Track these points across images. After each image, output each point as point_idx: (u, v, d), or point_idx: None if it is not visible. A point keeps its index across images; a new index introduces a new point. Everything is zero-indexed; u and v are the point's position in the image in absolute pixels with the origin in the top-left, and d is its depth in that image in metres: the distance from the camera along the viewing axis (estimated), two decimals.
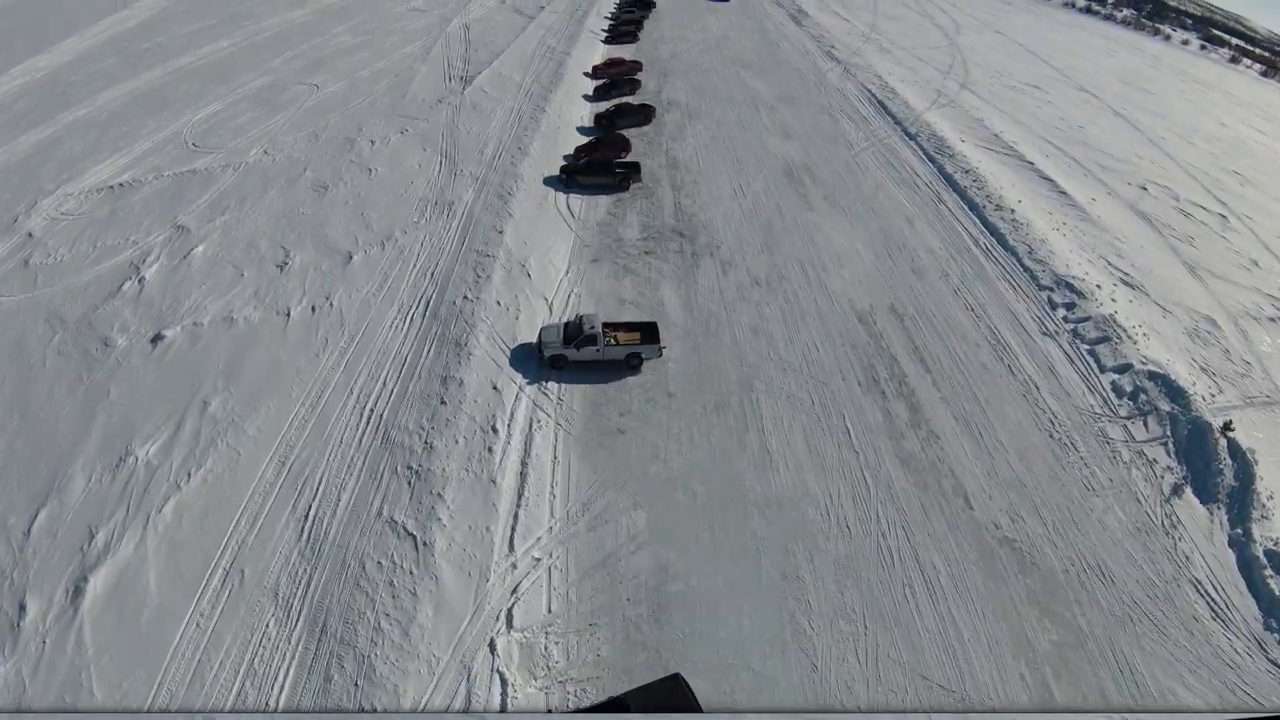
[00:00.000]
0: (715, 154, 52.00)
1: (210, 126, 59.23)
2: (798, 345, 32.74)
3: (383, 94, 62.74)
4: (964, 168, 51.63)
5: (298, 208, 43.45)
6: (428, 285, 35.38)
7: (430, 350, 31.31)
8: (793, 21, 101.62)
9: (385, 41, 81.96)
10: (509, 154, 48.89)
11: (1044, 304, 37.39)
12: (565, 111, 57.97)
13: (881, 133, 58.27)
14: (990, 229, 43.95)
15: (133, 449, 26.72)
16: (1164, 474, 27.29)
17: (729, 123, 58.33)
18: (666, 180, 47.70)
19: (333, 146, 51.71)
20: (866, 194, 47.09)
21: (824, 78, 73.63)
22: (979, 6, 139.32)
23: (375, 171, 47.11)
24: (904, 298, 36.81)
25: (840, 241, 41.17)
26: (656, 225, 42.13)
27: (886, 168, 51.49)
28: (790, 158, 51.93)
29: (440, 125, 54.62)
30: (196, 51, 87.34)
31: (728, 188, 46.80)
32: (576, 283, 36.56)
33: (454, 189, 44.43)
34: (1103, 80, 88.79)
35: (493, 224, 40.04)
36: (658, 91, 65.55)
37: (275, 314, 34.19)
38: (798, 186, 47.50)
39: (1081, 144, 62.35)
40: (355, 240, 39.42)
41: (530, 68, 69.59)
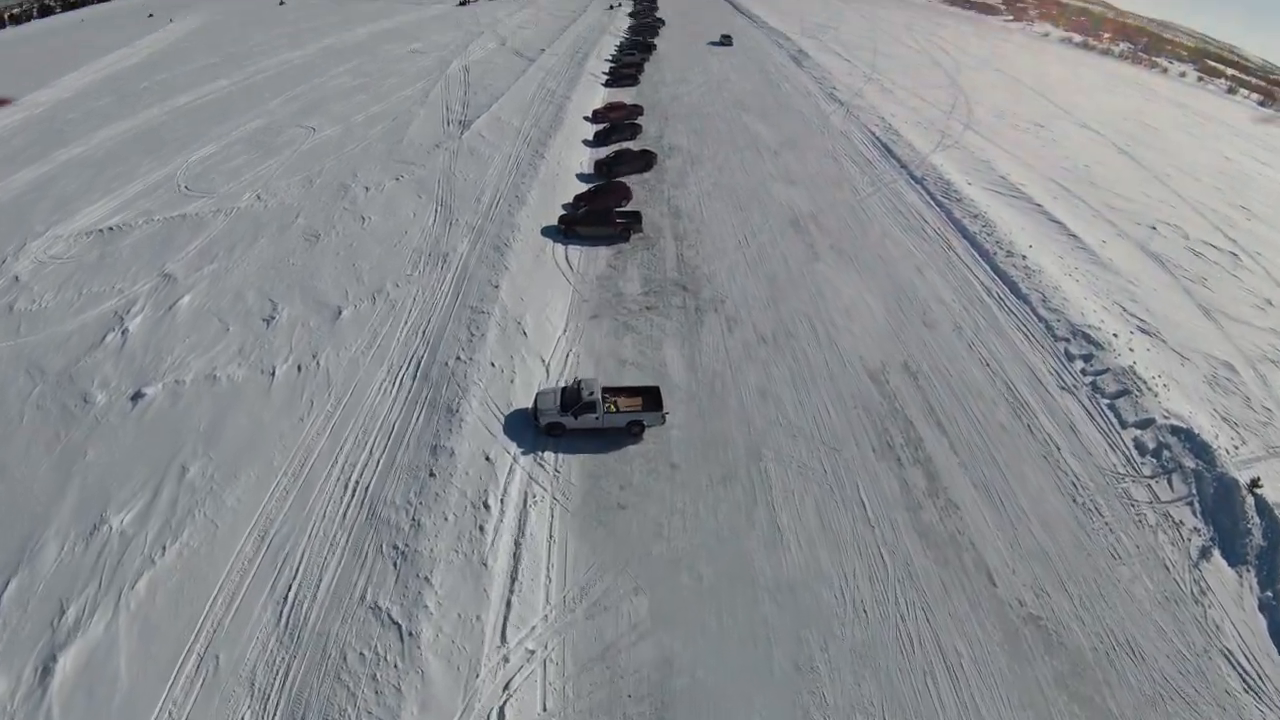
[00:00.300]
0: (718, 201, 50.76)
1: (204, 169, 58.36)
2: (808, 409, 31.10)
3: (379, 138, 61.88)
4: (972, 212, 50.39)
5: (288, 257, 42.15)
6: (419, 344, 33.84)
7: (420, 416, 29.70)
8: (794, 63, 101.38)
9: (384, 84, 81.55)
10: (506, 202, 47.67)
11: (1061, 356, 35.83)
12: (564, 157, 56.91)
13: (887, 177, 57.16)
14: (1002, 277, 42.53)
15: (107, 516, 25.55)
16: (1191, 536, 25.88)
17: (732, 168, 57.24)
18: (669, 230, 46.33)
19: (326, 193, 50.59)
20: (874, 242, 45.76)
21: (827, 120, 72.82)
22: (978, 44, 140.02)
23: (368, 220, 45.88)
24: (917, 354, 35.24)
25: (849, 293, 39.72)
26: (658, 278, 40.63)
27: (893, 214, 50.25)
28: (795, 204, 50.70)
29: (437, 171, 53.55)
30: (195, 91, 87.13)
31: (732, 237, 45.43)
32: (575, 341, 34.95)
33: (449, 239, 43.11)
34: (1105, 117, 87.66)
35: (488, 278, 38.61)
36: (659, 136, 64.64)
37: (259, 373, 32.73)
38: (803, 235, 46.18)
39: (1088, 183, 61.09)
40: (345, 293, 37.99)
41: (529, 112, 68.86)
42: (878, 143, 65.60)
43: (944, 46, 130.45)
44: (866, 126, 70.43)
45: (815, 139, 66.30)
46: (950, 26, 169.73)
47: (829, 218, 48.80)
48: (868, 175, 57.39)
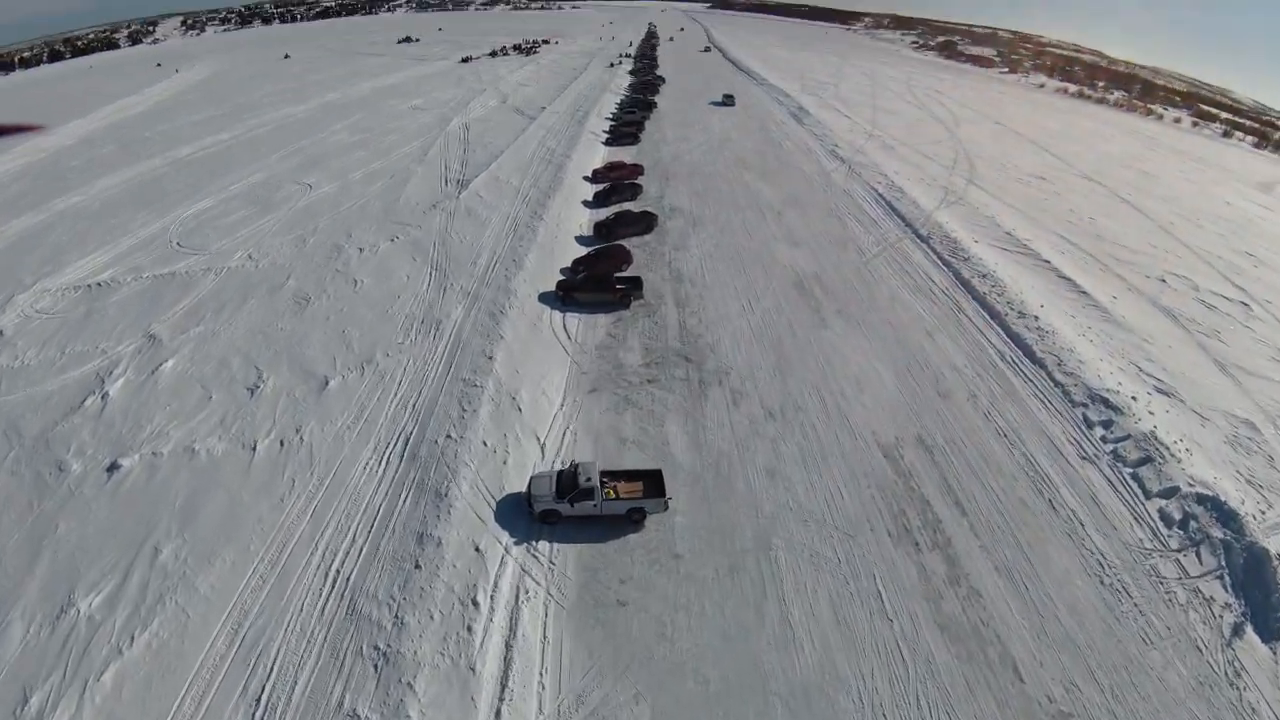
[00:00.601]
0: (721, 264, 49.49)
1: (199, 224, 57.60)
2: (819, 490, 29.33)
3: (376, 197, 61.12)
4: (981, 271, 49.25)
5: (276, 321, 40.81)
6: (408, 420, 32.18)
7: (407, 500, 27.92)
8: (794, 120, 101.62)
9: (383, 140, 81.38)
10: (503, 266, 46.41)
11: (1080, 423, 34.26)
12: (564, 219, 55.93)
13: (892, 236, 56.15)
14: (1015, 340, 41.15)
15: (76, 599, 24.12)
16: (1222, 613, 24.51)
17: (734, 229, 56.18)
18: (670, 295, 44.83)
19: (319, 253, 49.50)
20: (882, 305, 44.42)
21: (829, 178, 72.24)
22: (975, 97, 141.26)
23: (361, 283, 44.62)
24: (931, 426, 33.59)
25: (858, 362, 38.20)
26: (660, 348, 38.96)
27: (901, 275, 49.04)
28: (800, 267, 49.48)
29: (433, 233, 52.51)
30: (197, 142, 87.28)
31: (735, 303, 43.99)
32: (572, 418, 33.15)
33: (443, 305, 41.73)
34: (1105, 166, 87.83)
35: (482, 348, 37.08)
36: (660, 196, 63.79)
37: (240, 447, 31.12)
38: (809, 299, 44.82)
39: (1094, 236, 60.30)
40: (334, 362, 36.50)
41: (529, 171, 68.25)
42: (881, 200, 64.83)
43: (943, 101, 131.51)
44: (869, 184, 69.79)
45: (818, 197, 65.55)
46: (948, 81, 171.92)
47: (835, 280, 47.53)
48: (873, 234, 56.36)
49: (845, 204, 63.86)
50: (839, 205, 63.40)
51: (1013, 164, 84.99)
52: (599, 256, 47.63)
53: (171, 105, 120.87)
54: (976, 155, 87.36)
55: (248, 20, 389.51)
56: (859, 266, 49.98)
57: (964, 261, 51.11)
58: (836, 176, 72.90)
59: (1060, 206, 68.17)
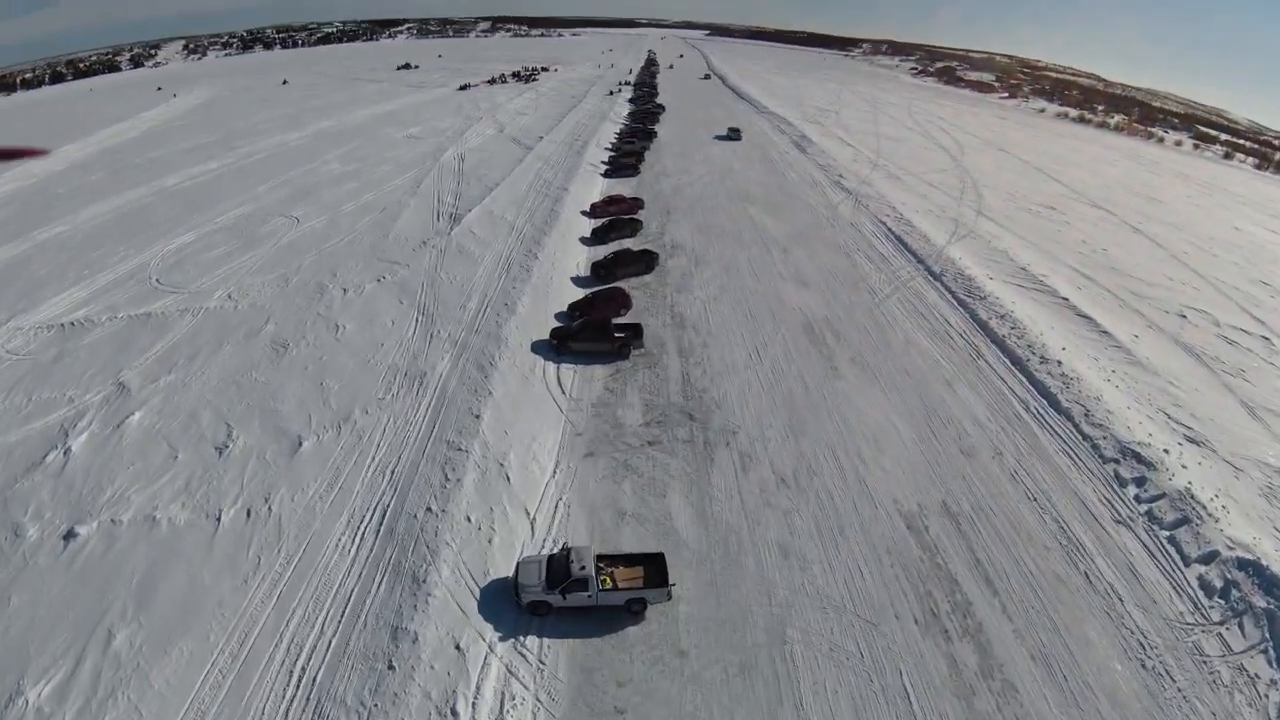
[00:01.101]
0: (726, 308, 46.79)
1: (180, 259, 55.26)
2: (838, 570, 26.53)
3: (365, 232, 58.76)
4: (998, 312, 46.87)
5: (251, 371, 38.22)
6: (386, 488, 29.39)
7: (381, 585, 25.11)
8: (797, 149, 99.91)
9: (375, 171, 79.30)
10: (494, 311, 43.76)
11: (1112, 481, 31.71)
12: (560, 258, 53.39)
13: (904, 274, 53.76)
14: (1039, 388, 38.66)
15: (24, 687, 21.64)
16: (1268, 691, 22.47)
17: (739, 268, 53.63)
18: (672, 343, 42.00)
19: (302, 294, 47.00)
20: (897, 352, 41.84)
21: (836, 211, 70.03)
22: (977, 123, 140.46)
23: (343, 329, 42.02)
24: (956, 491, 30.89)
25: (875, 417, 35.53)
26: (662, 404, 36.04)
27: (915, 317, 46.55)
28: (809, 310, 46.88)
29: (421, 273, 49.99)
30: (185, 171, 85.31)
31: (742, 351, 41.25)
32: (566, 487, 30.17)
33: (428, 355, 39.04)
34: (1113, 193, 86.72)
35: (469, 405, 34.29)
36: (660, 233, 61.33)
37: (204, 516, 28.38)
38: (820, 346, 42.16)
39: (1108, 269, 58.37)
40: (309, 420, 33.81)
41: (524, 205, 65.92)
42: (890, 235, 62.57)
43: (945, 128, 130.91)
44: (877, 217, 67.64)
45: (825, 232, 63.24)
46: (949, 107, 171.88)
47: (847, 324, 44.95)
48: (884, 272, 53.95)
49: (853, 239, 61.55)
50: (847, 241, 61.08)
51: (1021, 193, 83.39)
52: (596, 300, 44.86)
53: (166, 131, 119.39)
54: (984, 184, 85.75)
55: (249, 45, 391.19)
56: (871, 308, 47.46)
57: (980, 301, 48.75)
58: (843, 209, 70.71)
59: (1072, 237, 66.25)
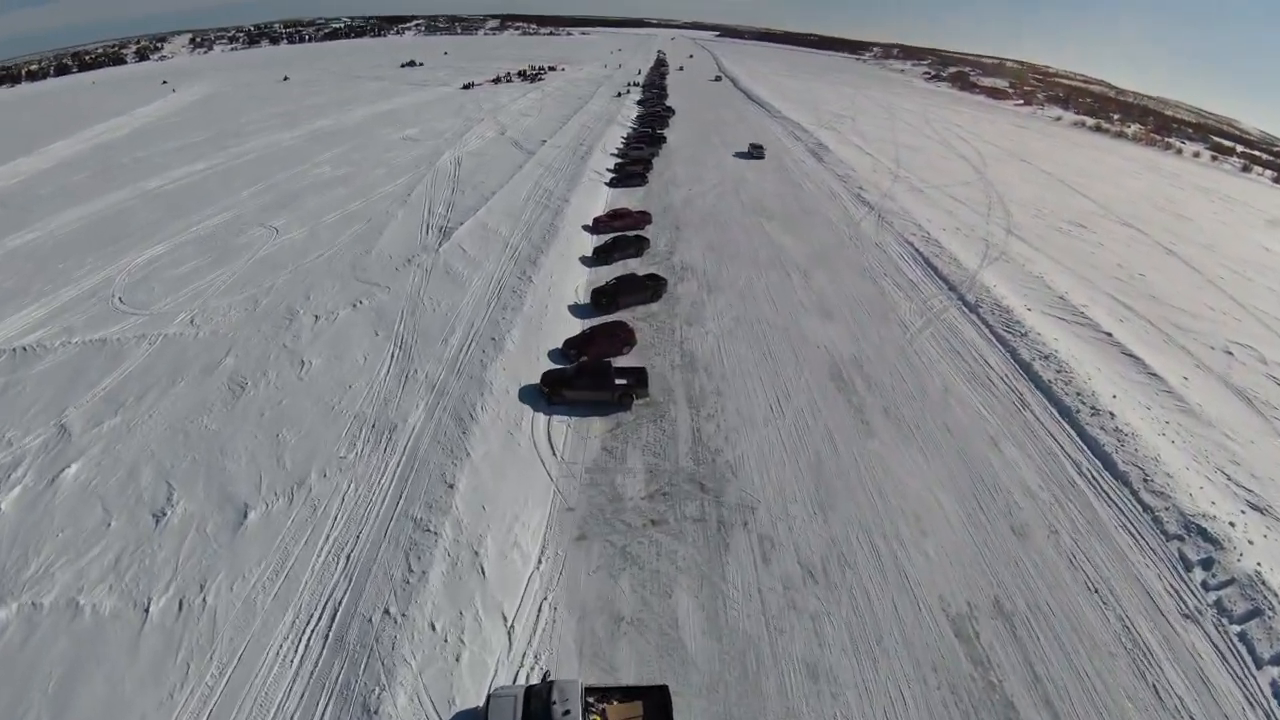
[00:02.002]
0: (742, 345, 41.63)
1: (147, 274, 50.70)
2: (876, 696, 21.54)
3: (346, 246, 53.97)
4: (1041, 351, 42.01)
5: (202, 416, 33.50)
6: (339, 578, 24.50)
7: (326, 714, 20.27)
8: (813, 157, 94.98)
9: (367, 176, 74.55)
10: (480, 346, 38.75)
11: (1177, 563, 26.89)
12: (557, 282, 48.33)
13: (936, 303, 48.77)
14: (1092, 447, 33.76)
15: None
16: None
17: (756, 296, 48.55)
18: (681, 391, 36.74)
19: (269, 321, 42.27)
20: (935, 402, 36.85)
21: (858, 228, 65.02)
22: (995, 132, 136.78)
23: (309, 365, 37.18)
24: (1009, 582, 25.96)
25: (914, 487, 30.53)
26: (668, 470, 30.83)
27: (951, 356, 41.58)
28: (835, 348, 41.80)
29: (403, 297, 45.09)
30: (169, 173, 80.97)
31: (761, 400, 36.10)
32: (552, 582, 25.00)
33: (401, 402, 34.09)
34: (1140, 210, 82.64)
35: (443, 469, 29.24)
36: (669, 252, 56.29)
37: (132, 605, 23.71)
38: (849, 395, 37.10)
39: (1147, 297, 53.67)
40: (258, 482, 28.99)
41: (521, 218, 61.00)
42: (918, 257, 57.60)
43: (963, 136, 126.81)
44: (902, 236, 62.67)
45: (848, 253, 58.25)
46: (966, 114, 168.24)
47: (877, 366, 39.92)
48: (914, 302, 48.94)
49: (879, 261, 56.56)
50: (872, 263, 56.08)
51: (1049, 208, 78.64)
52: (595, 337, 39.72)
53: (159, 128, 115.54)
54: (1010, 198, 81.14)
55: (256, 40, 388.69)
56: (903, 346, 42.44)
57: (1021, 338, 43.86)
58: (866, 226, 65.74)
59: (1107, 260, 61.73)
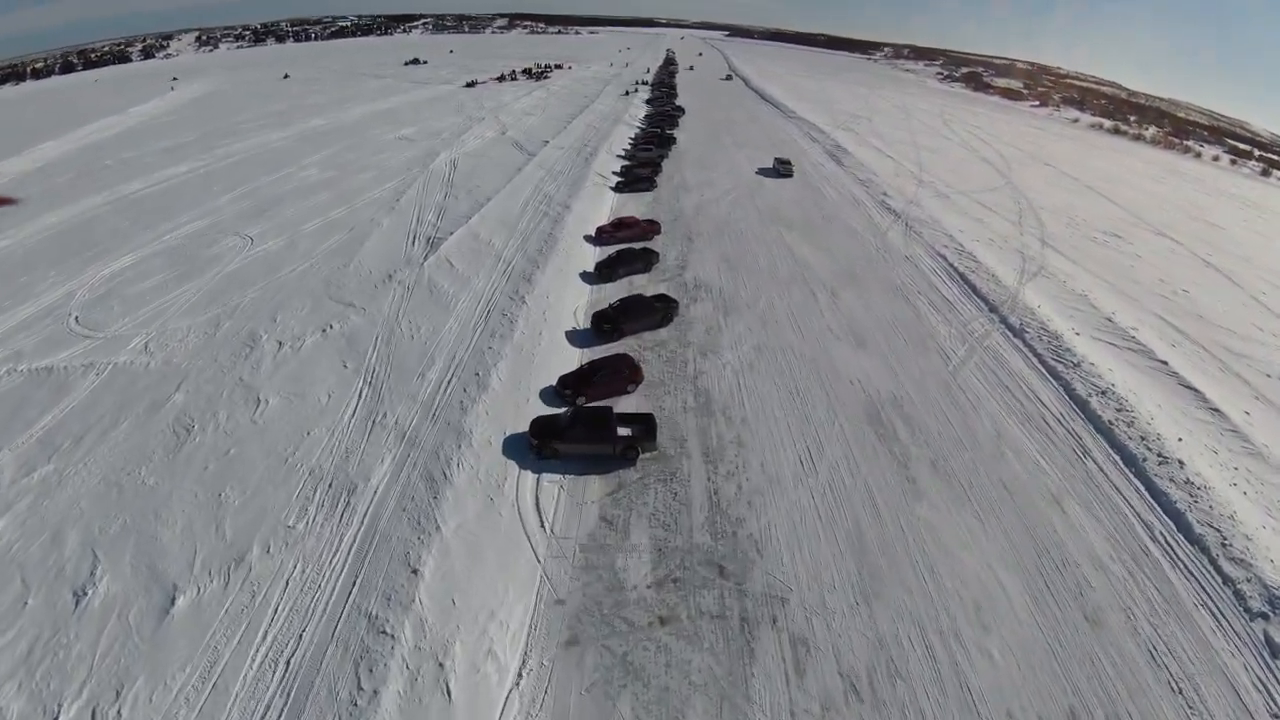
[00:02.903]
0: (765, 381, 36.30)
1: (109, 290, 46.07)
2: None
3: (324, 259, 49.10)
4: (1097, 385, 37.22)
5: (140, 467, 28.70)
6: (275, 693, 19.49)
7: None
8: (832, 160, 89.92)
9: (354, 180, 69.67)
10: (461, 383, 33.65)
11: (1262, 649, 22.36)
12: (554, 302, 43.18)
13: (977, 327, 43.78)
14: (1163, 504, 28.93)
15: None
16: None
17: (779, 320, 43.30)
18: (695, 440, 31.24)
19: (228, 348, 37.47)
20: (987, 451, 31.78)
21: (885, 240, 59.92)
22: (1014, 134, 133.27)
23: (264, 406, 32.24)
24: (1085, 687, 21.08)
25: (972, 565, 25.46)
26: (680, 547, 25.33)
27: (1000, 392, 36.60)
28: (871, 383, 36.61)
29: (379, 320, 40.08)
30: (151, 176, 76.27)
31: (789, 453, 30.71)
32: (535, 705, 19.62)
33: (365, 455, 28.98)
34: (1170, 217, 78.86)
35: (406, 548, 24.01)
36: (680, 267, 51.14)
37: (41, 712, 19.02)
38: (890, 443, 31.88)
39: (1195, 317, 49.31)
40: (192, 556, 24.10)
41: (517, 227, 55.99)
42: (953, 272, 52.54)
43: (983, 138, 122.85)
44: (934, 248, 57.64)
45: (878, 268, 53.12)
46: (982, 115, 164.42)
47: (919, 405, 34.83)
48: (953, 325, 43.88)
49: (911, 277, 51.48)
50: (904, 280, 50.98)
51: (1080, 217, 73.99)
52: (595, 374, 34.21)
53: (151, 127, 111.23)
54: (1040, 206, 76.58)
55: (262, 38, 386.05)
56: (946, 381, 37.37)
57: (1073, 369, 39.02)
58: (893, 236, 60.67)
59: (1148, 275, 57.28)
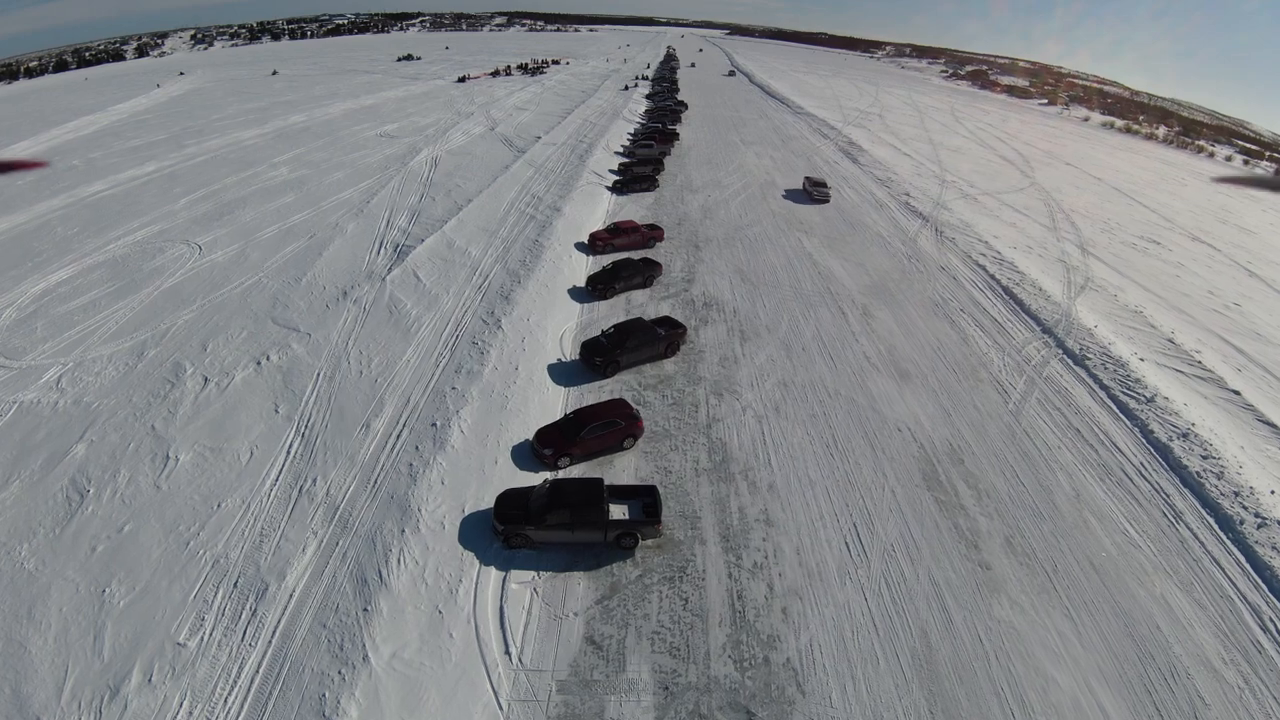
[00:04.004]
0: (796, 430, 29.35)
1: (38, 308, 40.09)
2: None
3: (274, 272, 42.75)
4: (1176, 426, 31.38)
5: (23, 546, 22.53)
6: None
7: None
8: (847, 158, 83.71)
9: (324, 180, 63.26)
10: (414, 437, 26.78)
11: None
12: (536, 326, 36.44)
13: (1032, 352, 37.65)
14: (1269, 581, 23.16)
15: None
16: None
17: (805, 346, 36.74)
18: (711, 517, 24.14)
19: (147, 385, 31.17)
20: (1068, 520, 25.46)
21: (916, 245, 53.68)
22: (1028, 132, 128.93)
23: (174, 464, 25.78)
24: None
25: (1068, 688, 19.03)
26: (693, 683, 18.04)
27: (1071, 438, 30.39)
28: (922, 429, 29.99)
29: (324, 351, 33.46)
30: (112, 177, 69.94)
31: (833, 532, 23.81)
32: None
33: (283, 540, 22.25)
34: (1201, 222, 74.30)
35: (323, 687, 16.88)
36: (687, 280, 44.63)
37: None
38: (954, 513, 25.27)
39: (1252, 335, 44.13)
40: (60, 682, 17.76)
41: (498, 233, 49.51)
42: (995, 285, 46.39)
43: (998, 136, 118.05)
44: (969, 256, 51.49)
45: (912, 281, 46.78)
46: (993, 112, 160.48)
47: (981, 459, 28.36)
48: (1006, 351, 37.65)
49: (950, 291, 45.23)
50: (943, 294, 44.71)
51: (1113, 221, 68.66)
52: (584, 429, 26.69)
53: (127, 125, 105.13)
54: (1070, 208, 71.12)
55: (258, 36, 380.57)
56: (1008, 423, 31.02)
57: (1147, 405, 33.08)
58: (924, 243, 54.45)
59: (1195, 286, 52.14)
